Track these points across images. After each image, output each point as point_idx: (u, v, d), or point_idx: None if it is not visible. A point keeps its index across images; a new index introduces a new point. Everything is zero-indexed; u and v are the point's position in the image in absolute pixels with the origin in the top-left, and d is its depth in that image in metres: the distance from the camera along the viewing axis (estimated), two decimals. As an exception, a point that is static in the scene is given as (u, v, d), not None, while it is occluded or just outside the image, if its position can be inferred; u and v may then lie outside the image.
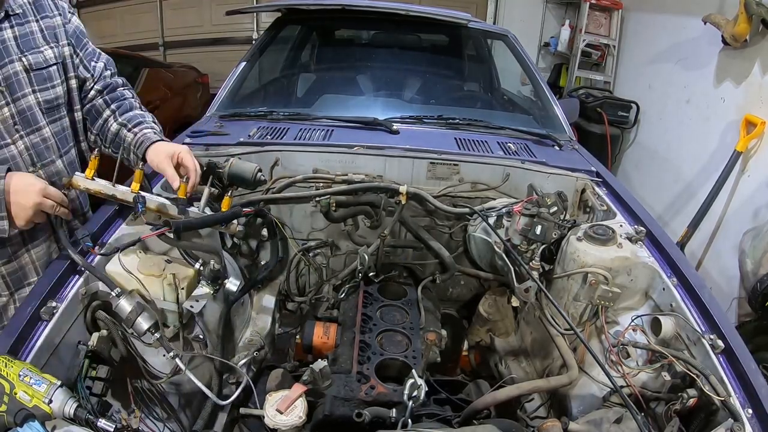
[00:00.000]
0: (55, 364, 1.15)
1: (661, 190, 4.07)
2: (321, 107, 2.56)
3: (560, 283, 1.63)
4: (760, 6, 2.90)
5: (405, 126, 2.28)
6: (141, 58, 4.33)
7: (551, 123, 2.54)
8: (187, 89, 4.64)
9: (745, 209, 3.11)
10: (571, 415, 1.48)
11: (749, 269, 2.64)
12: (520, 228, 1.65)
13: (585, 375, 1.51)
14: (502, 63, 3.31)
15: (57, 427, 1.00)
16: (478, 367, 2.08)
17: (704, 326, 1.33)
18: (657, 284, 1.51)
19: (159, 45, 6.46)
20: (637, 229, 1.62)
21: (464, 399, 1.50)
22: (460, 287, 2.22)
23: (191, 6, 6.36)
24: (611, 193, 1.91)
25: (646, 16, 4.77)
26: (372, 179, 1.98)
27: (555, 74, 6.13)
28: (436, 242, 1.98)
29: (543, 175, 1.99)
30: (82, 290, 1.28)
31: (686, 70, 3.94)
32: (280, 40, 3.08)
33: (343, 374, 1.45)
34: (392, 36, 3.23)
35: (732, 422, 1.10)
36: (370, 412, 1.29)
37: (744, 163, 3.19)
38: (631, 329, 1.44)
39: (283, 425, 1.23)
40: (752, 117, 3.08)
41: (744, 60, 3.25)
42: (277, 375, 1.48)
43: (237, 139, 2.02)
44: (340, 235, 2.13)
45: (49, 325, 1.16)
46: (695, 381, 1.21)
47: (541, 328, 1.70)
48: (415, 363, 1.52)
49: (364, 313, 1.73)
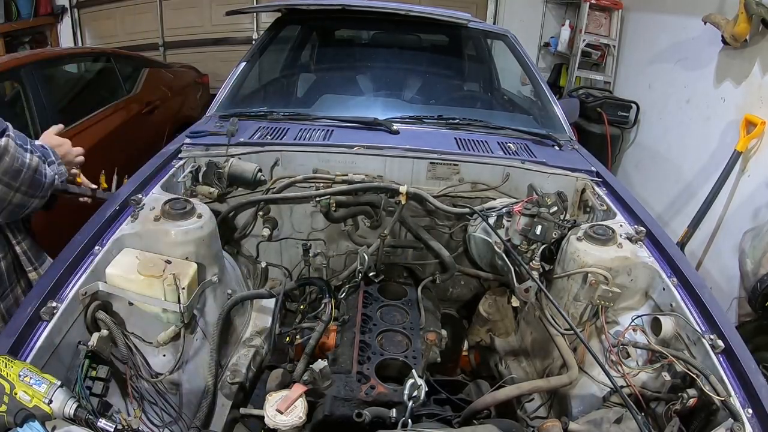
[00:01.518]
0: (55, 364, 1.15)
1: (661, 190, 4.07)
2: (321, 107, 2.56)
3: (560, 283, 1.63)
4: (760, 6, 2.90)
5: (405, 126, 2.28)
6: (141, 58, 4.32)
7: (551, 123, 2.54)
8: (187, 89, 4.64)
9: (745, 209, 3.10)
10: (571, 415, 1.48)
11: (749, 269, 2.63)
12: (520, 228, 1.65)
13: (585, 375, 1.52)
14: (502, 63, 3.30)
15: (57, 427, 1.00)
16: (478, 367, 2.08)
17: (704, 326, 1.33)
18: (657, 284, 1.51)
19: (159, 45, 6.45)
20: (637, 229, 1.62)
21: (464, 399, 1.50)
22: (460, 287, 2.22)
23: (191, 6, 6.35)
24: (611, 193, 1.91)
25: (646, 16, 4.77)
26: (372, 179, 1.98)
27: (555, 74, 6.13)
28: (436, 242, 1.98)
29: (543, 175, 1.99)
30: (82, 290, 1.28)
31: (686, 70, 3.93)
32: (280, 40, 3.08)
33: (343, 374, 1.45)
34: (392, 36, 3.23)
35: (732, 422, 1.10)
36: (370, 412, 1.29)
37: (744, 163, 3.18)
38: (631, 329, 1.44)
39: (283, 425, 1.23)
40: (752, 117, 3.08)
41: (744, 60, 3.25)
42: (277, 375, 1.48)
43: (237, 139, 2.02)
44: (340, 235, 2.13)
45: (49, 325, 1.16)
46: (695, 381, 1.22)
47: (541, 328, 1.70)
48: (415, 363, 1.52)
49: (364, 313, 1.73)
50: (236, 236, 2.06)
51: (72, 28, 6.29)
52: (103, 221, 1.46)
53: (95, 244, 1.40)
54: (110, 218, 1.49)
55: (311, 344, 1.60)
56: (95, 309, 1.29)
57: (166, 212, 1.49)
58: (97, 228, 1.43)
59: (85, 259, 1.35)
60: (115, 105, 3.55)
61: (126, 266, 1.34)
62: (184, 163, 1.91)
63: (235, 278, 1.85)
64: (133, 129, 3.63)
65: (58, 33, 6.20)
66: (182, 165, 1.90)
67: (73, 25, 6.28)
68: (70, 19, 6.24)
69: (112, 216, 1.50)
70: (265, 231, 2.01)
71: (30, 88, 2.78)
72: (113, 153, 3.26)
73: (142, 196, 1.60)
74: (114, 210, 1.52)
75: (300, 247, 2.09)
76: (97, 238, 1.42)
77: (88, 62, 3.87)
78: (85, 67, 3.85)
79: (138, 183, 1.69)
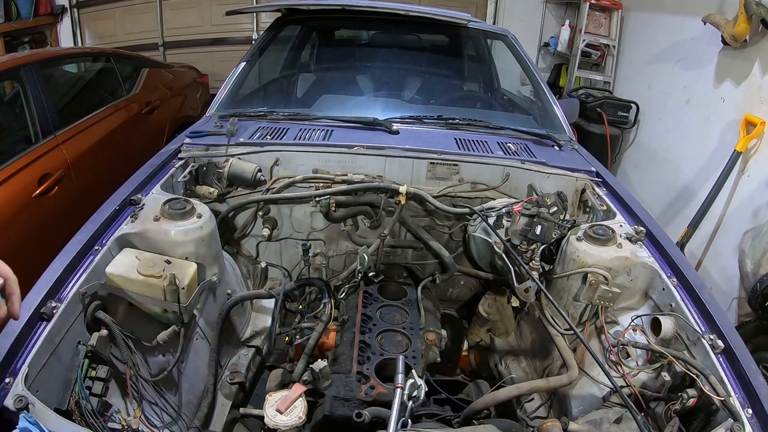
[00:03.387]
0: (55, 364, 1.15)
1: (660, 190, 4.07)
2: (321, 107, 2.56)
3: (560, 283, 1.63)
4: (760, 6, 2.90)
5: (405, 126, 2.28)
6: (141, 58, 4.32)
7: (551, 123, 2.54)
8: (187, 89, 4.64)
9: (745, 209, 3.10)
10: (571, 415, 1.48)
11: (749, 269, 2.64)
12: (520, 228, 1.65)
13: (585, 375, 1.51)
14: (502, 63, 3.30)
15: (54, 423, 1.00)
16: (478, 367, 2.08)
17: (704, 326, 1.33)
18: (657, 284, 1.51)
19: (159, 45, 6.45)
20: (637, 229, 1.62)
21: (464, 399, 1.50)
22: (460, 287, 2.22)
23: (191, 6, 6.35)
24: (611, 193, 1.91)
25: (646, 16, 4.77)
26: (372, 179, 1.98)
27: (555, 74, 6.13)
28: (436, 242, 1.98)
29: (543, 175, 1.99)
30: (82, 290, 1.28)
31: (686, 70, 3.94)
32: (279, 40, 3.08)
33: (343, 374, 1.45)
34: (392, 36, 3.23)
35: (732, 422, 1.10)
36: (370, 412, 1.29)
37: (744, 163, 3.19)
38: (631, 329, 1.44)
39: (283, 425, 1.23)
40: (752, 117, 3.08)
41: (744, 60, 3.25)
42: (277, 375, 1.48)
43: (237, 139, 2.02)
44: (340, 235, 2.13)
45: (49, 325, 1.16)
46: (695, 381, 1.22)
47: (541, 328, 1.70)
48: (415, 363, 1.52)
49: (364, 313, 1.73)
50: (236, 236, 2.06)
51: (72, 28, 6.28)
52: (103, 221, 1.46)
53: (95, 243, 1.40)
54: (110, 218, 1.49)
55: (311, 344, 1.60)
56: (95, 309, 1.28)
57: (166, 212, 1.49)
58: (97, 228, 1.43)
59: (85, 259, 1.34)
60: (114, 105, 3.55)
61: (126, 266, 1.34)
62: (183, 163, 1.91)
63: (235, 278, 1.85)
64: (133, 129, 3.63)
65: (58, 33, 6.19)
66: (182, 165, 1.90)
67: (72, 25, 6.28)
68: (70, 19, 6.24)
69: (112, 216, 1.50)
70: (265, 231, 2.01)
71: (30, 88, 2.78)
72: (113, 153, 3.27)
73: (142, 196, 1.60)
74: (114, 210, 1.51)
75: (300, 247, 2.09)
76: (97, 237, 1.41)
77: (88, 62, 3.87)
78: (84, 67, 3.85)
79: (138, 183, 1.69)
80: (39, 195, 2.57)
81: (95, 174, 3.02)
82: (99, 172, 3.05)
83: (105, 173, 3.05)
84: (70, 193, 2.80)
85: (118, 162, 3.08)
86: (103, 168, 3.10)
